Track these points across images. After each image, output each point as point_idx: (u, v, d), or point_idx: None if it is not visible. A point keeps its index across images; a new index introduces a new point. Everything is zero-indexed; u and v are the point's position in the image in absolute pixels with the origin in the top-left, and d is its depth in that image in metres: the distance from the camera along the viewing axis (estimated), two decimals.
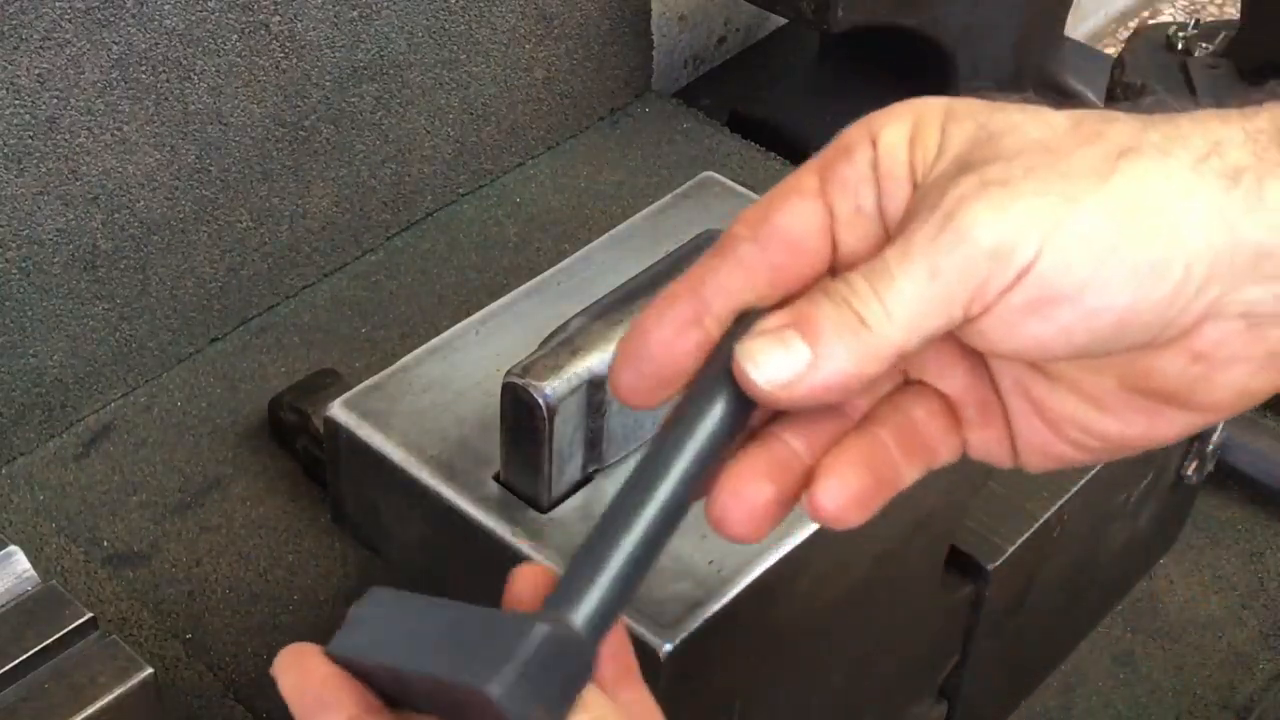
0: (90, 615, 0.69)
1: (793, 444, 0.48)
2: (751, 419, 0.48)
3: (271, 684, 0.53)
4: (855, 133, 0.48)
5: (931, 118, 0.48)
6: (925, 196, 0.46)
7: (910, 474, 0.50)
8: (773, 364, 0.46)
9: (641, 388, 0.48)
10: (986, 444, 0.51)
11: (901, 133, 0.48)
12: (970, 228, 0.44)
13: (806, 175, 0.49)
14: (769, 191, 0.49)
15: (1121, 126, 0.46)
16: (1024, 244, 0.44)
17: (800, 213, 0.48)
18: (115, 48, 1.03)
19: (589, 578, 0.45)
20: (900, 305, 0.45)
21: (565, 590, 0.45)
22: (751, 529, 0.48)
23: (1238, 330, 0.47)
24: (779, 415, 0.49)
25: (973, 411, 0.50)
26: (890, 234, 0.47)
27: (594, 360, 0.65)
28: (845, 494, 0.48)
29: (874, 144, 0.48)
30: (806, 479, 0.48)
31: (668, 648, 0.61)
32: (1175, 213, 0.45)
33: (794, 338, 0.46)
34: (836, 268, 0.48)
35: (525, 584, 0.49)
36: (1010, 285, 0.45)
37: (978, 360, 0.50)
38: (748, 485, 0.47)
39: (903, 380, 0.51)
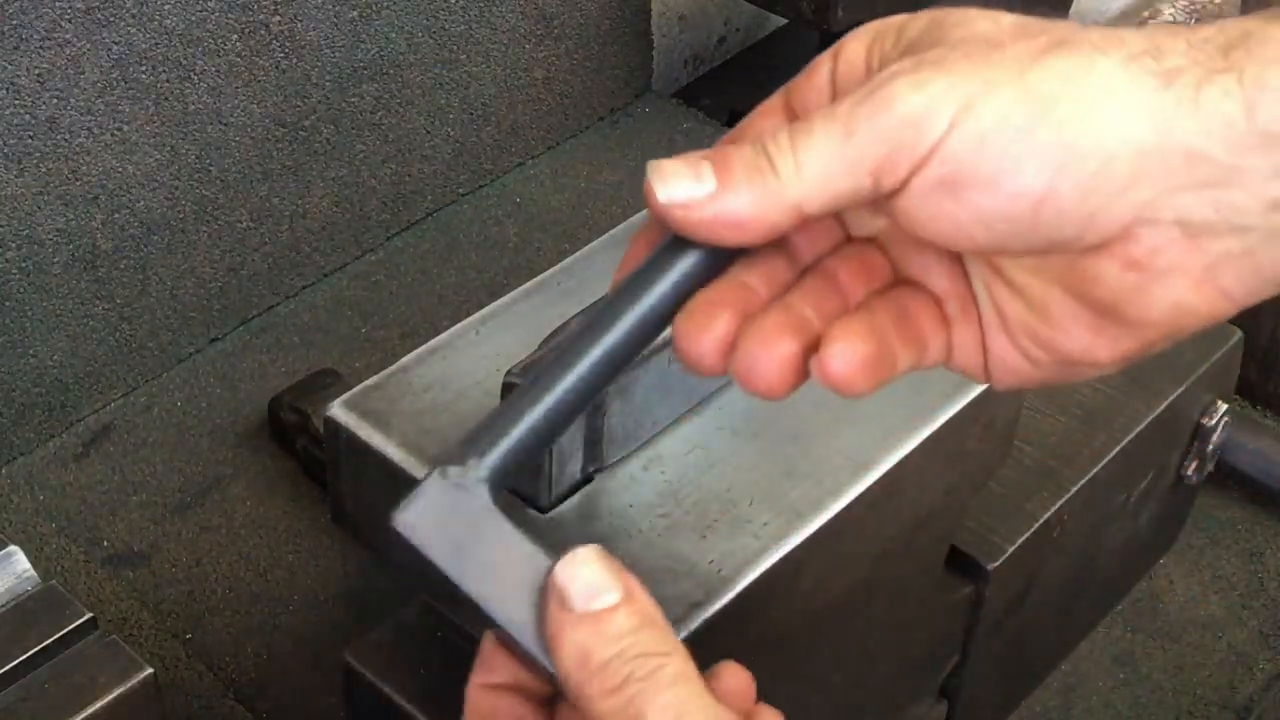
0: (90, 615, 0.69)
1: (806, 312, 0.50)
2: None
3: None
4: (821, 55, 0.50)
5: (892, 24, 0.49)
6: (868, 76, 0.48)
7: (905, 361, 0.51)
8: (678, 185, 0.47)
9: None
10: (965, 346, 0.52)
11: (861, 42, 0.49)
12: (890, 97, 0.45)
13: (774, 97, 0.51)
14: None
15: (1064, 27, 0.47)
16: (937, 117, 0.45)
17: (766, 128, 0.50)
18: (115, 48, 1.03)
19: (498, 431, 0.47)
20: (811, 160, 0.46)
21: (475, 439, 0.47)
22: (778, 380, 0.49)
23: (1174, 239, 0.46)
24: (795, 284, 0.51)
25: (955, 307, 0.51)
26: None
27: None
28: (854, 358, 0.49)
29: (835, 58, 0.50)
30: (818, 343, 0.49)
31: None
32: (1098, 105, 0.45)
33: (705, 168, 0.47)
34: None
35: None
36: (923, 160, 0.45)
37: (956, 260, 0.51)
38: (775, 337, 0.48)
39: (891, 279, 0.52)
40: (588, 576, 0.47)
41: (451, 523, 0.46)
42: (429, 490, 0.46)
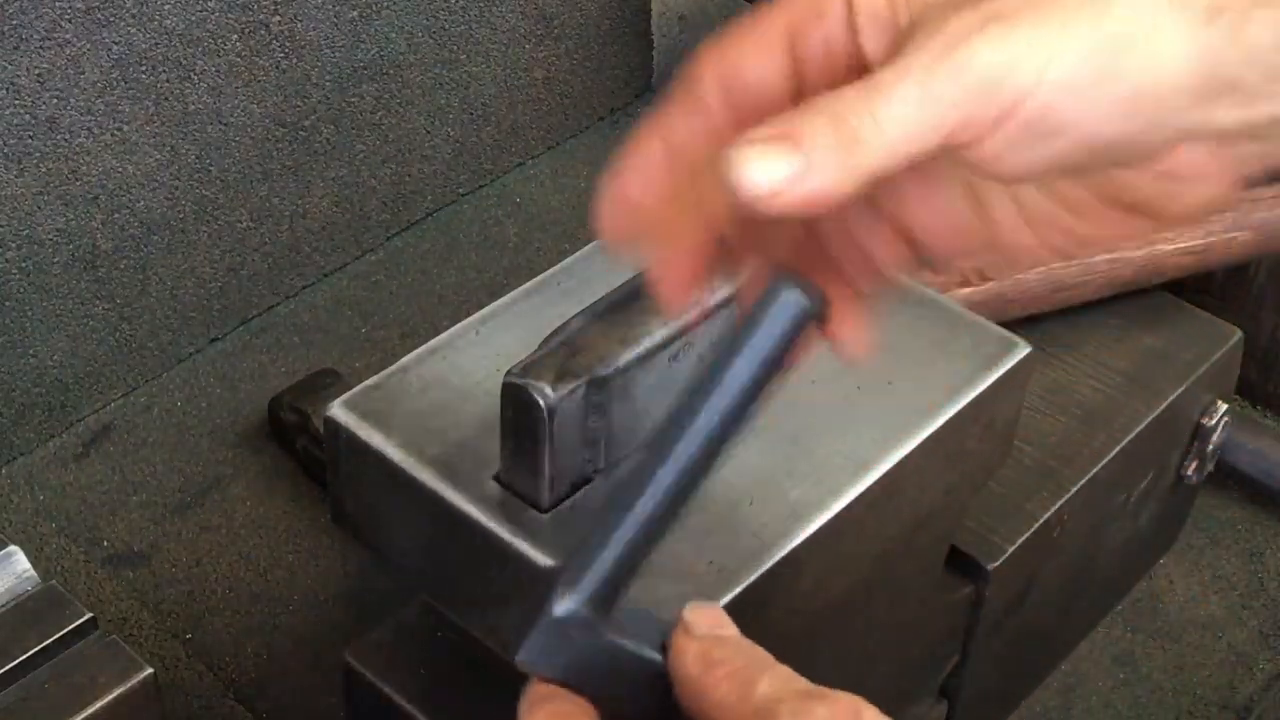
0: (90, 615, 0.69)
1: None
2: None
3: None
4: None
5: None
6: (922, 26, 0.47)
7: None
8: (765, 168, 0.45)
9: (619, 229, 0.52)
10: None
11: None
12: (970, 58, 0.46)
13: (771, 29, 0.50)
14: (732, 38, 0.50)
15: None
16: (1020, 76, 0.46)
17: (764, 66, 0.50)
18: (115, 48, 1.03)
19: (594, 556, 0.49)
20: (893, 123, 0.46)
21: (575, 567, 0.49)
22: None
23: (1209, 149, 0.50)
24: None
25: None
26: (873, 68, 0.48)
27: (594, 360, 0.65)
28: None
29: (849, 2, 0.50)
30: None
31: None
32: (1157, 48, 0.47)
33: (787, 146, 0.46)
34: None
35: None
36: (1005, 116, 0.46)
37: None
38: None
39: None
40: (711, 613, 0.51)
41: (567, 650, 0.50)
42: (542, 630, 0.50)
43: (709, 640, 0.50)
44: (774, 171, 0.45)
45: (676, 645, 0.50)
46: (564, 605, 0.49)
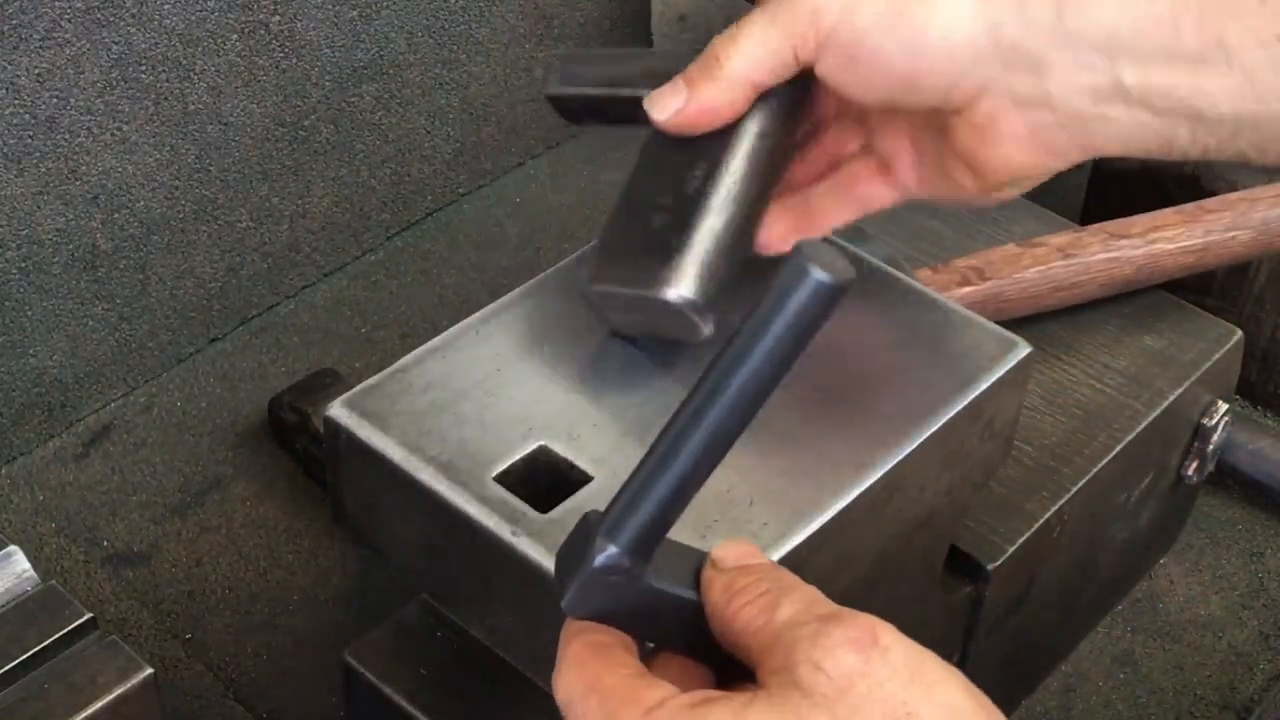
0: (90, 615, 0.69)
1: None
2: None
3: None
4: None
5: None
6: None
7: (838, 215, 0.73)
8: (666, 103, 0.69)
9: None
10: (902, 182, 0.73)
11: None
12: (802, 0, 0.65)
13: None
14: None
15: None
16: (834, 11, 0.65)
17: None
18: (115, 48, 1.03)
19: (632, 510, 0.53)
20: (749, 47, 0.67)
21: (613, 519, 0.53)
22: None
23: (1005, 108, 0.65)
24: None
25: (893, 161, 0.72)
26: None
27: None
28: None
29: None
30: None
31: None
32: (942, 9, 0.63)
33: (679, 84, 0.68)
34: None
35: None
36: (826, 40, 0.65)
37: (892, 128, 0.71)
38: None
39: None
40: (739, 546, 0.55)
41: (608, 596, 0.54)
42: (584, 580, 0.53)
43: (734, 571, 0.54)
44: (671, 104, 0.68)
45: (705, 579, 0.54)
46: (604, 556, 0.52)
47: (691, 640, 0.54)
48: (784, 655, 0.50)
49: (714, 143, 0.70)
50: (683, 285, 0.67)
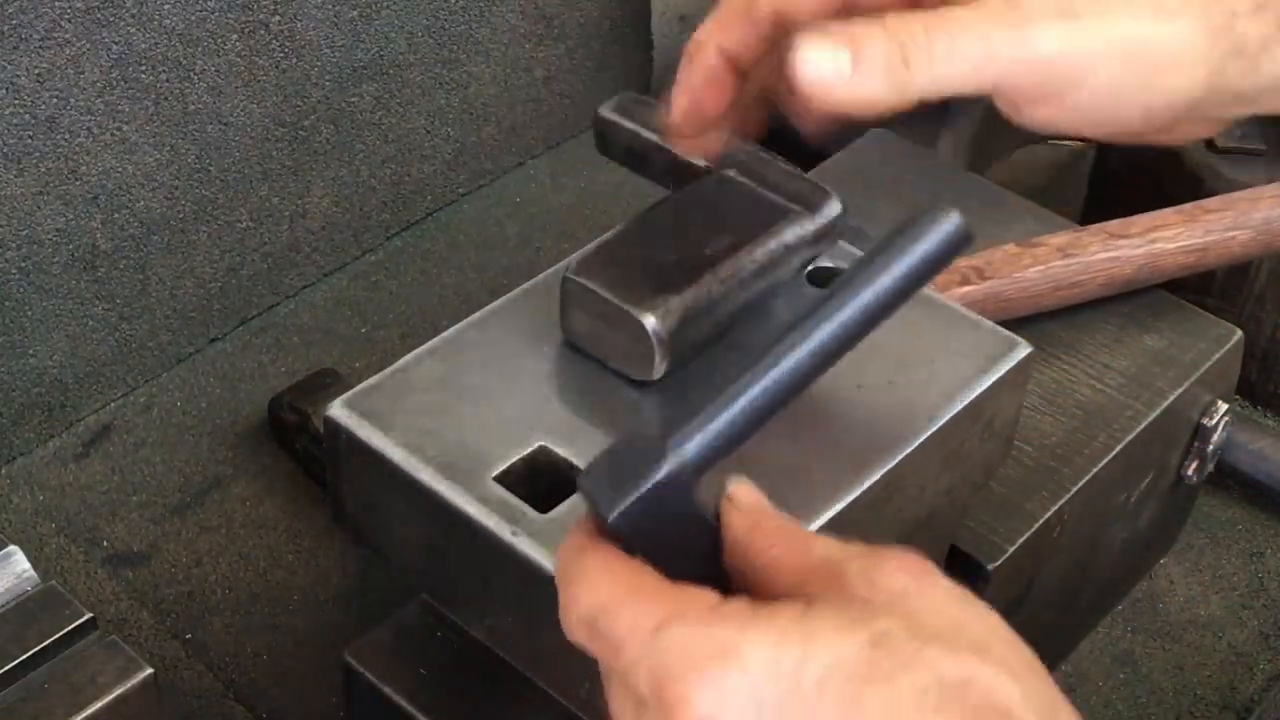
0: (90, 615, 0.69)
1: None
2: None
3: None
4: None
5: None
6: None
7: None
8: (822, 61, 0.55)
9: (685, 127, 0.63)
10: None
11: None
12: (1038, 40, 0.55)
13: None
14: None
15: None
16: (1076, 71, 0.56)
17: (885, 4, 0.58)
18: (115, 48, 1.03)
19: (702, 426, 0.52)
20: (945, 63, 0.55)
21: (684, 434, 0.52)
22: None
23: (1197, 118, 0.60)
24: None
25: None
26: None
27: None
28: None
29: None
30: None
31: None
32: (1183, 64, 0.57)
33: (847, 50, 0.55)
34: None
35: None
36: (1051, 95, 0.57)
37: None
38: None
39: None
40: (752, 491, 0.53)
41: (657, 513, 0.51)
42: (644, 493, 0.50)
43: (756, 510, 0.52)
44: (829, 66, 0.55)
45: (724, 510, 0.52)
46: (673, 465, 0.50)
47: (701, 572, 0.51)
48: (831, 578, 0.49)
49: (749, 226, 0.70)
50: (664, 319, 0.67)
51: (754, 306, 0.72)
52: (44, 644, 0.67)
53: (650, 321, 0.68)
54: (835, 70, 0.55)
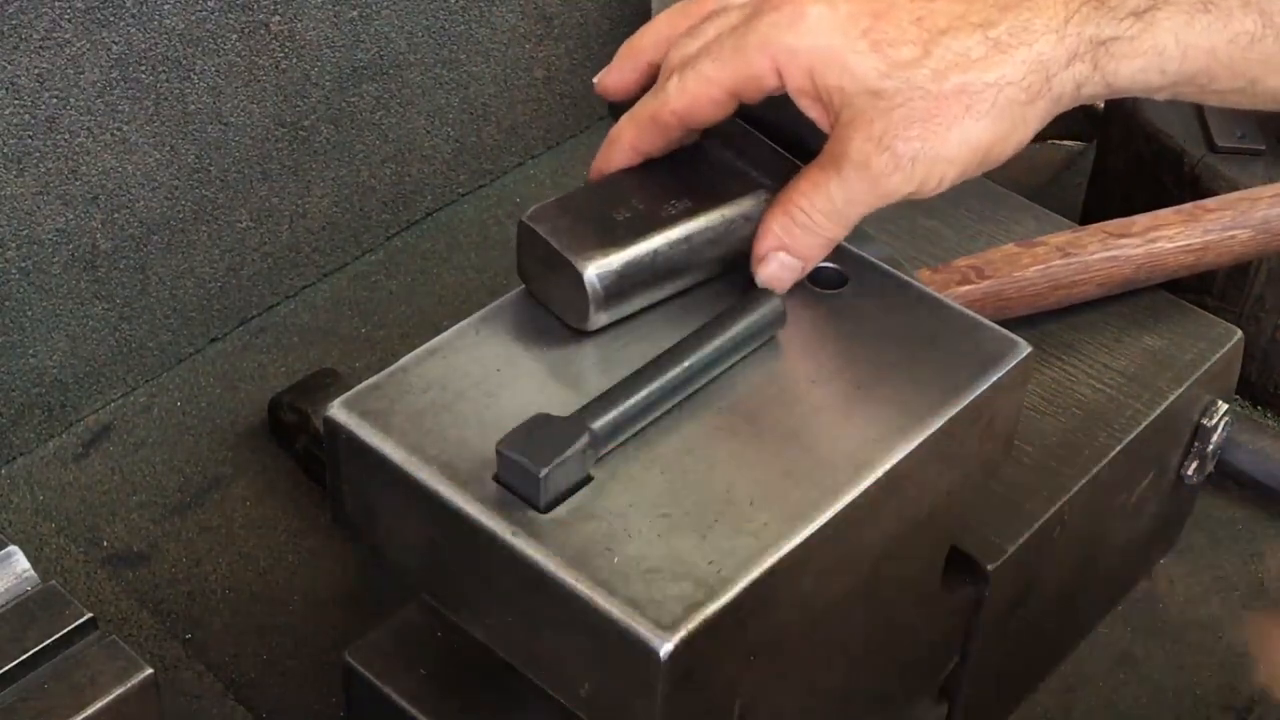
0: (90, 615, 0.69)
1: None
2: None
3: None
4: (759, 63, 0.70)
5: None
6: (844, 132, 0.69)
7: None
8: (786, 278, 0.74)
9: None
10: None
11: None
12: (880, 180, 0.69)
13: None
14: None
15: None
16: (922, 189, 0.70)
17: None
18: (115, 48, 1.03)
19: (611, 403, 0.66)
20: (840, 220, 0.71)
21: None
22: None
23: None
24: None
25: None
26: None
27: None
28: None
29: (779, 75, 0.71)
30: None
31: (668, 648, 0.61)
32: (1023, 134, 0.71)
33: (791, 261, 0.73)
34: None
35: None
36: (910, 195, 0.70)
37: None
38: None
39: None
40: None
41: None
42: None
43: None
44: (790, 277, 0.74)
45: None
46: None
47: None
48: None
49: (712, 193, 0.73)
50: (601, 272, 0.70)
51: (713, 271, 0.75)
52: (44, 644, 0.67)
53: (589, 272, 0.70)
54: (794, 272, 0.73)
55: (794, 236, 0.72)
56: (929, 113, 0.67)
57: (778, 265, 0.72)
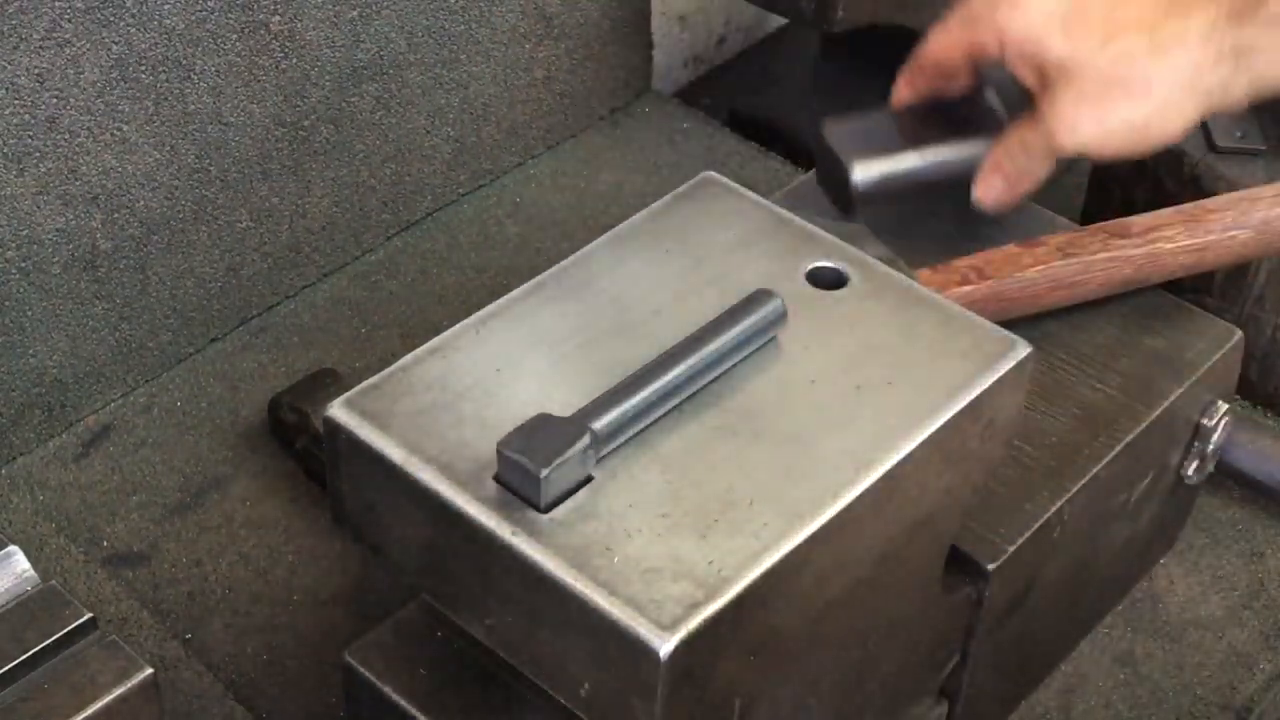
0: (90, 615, 0.69)
1: None
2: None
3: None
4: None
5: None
6: (1053, 91, 0.87)
7: None
8: (993, 194, 0.92)
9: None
10: None
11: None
12: (1060, 136, 0.88)
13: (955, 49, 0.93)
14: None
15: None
16: (1076, 146, 0.88)
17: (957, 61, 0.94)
18: (115, 48, 1.03)
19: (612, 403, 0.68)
20: (1037, 158, 0.90)
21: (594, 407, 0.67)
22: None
23: None
24: None
25: None
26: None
27: None
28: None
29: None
30: None
31: (668, 648, 0.61)
32: (1177, 122, 0.87)
33: (1000, 181, 0.92)
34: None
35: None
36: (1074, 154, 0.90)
37: None
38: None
39: None
40: None
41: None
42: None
43: None
44: (999, 197, 0.92)
45: None
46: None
47: None
48: None
49: (982, 131, 0.92)
50: (867, 176, 0.90)
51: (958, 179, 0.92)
52: (44, 644, 0.67)
53: (857, 175, 0.90)
54: (1001, 193, 0.92)
55: (1004, 167, 0.91)
56: (1099, 94, 0.85)
57: (994, 183, 0.92)
